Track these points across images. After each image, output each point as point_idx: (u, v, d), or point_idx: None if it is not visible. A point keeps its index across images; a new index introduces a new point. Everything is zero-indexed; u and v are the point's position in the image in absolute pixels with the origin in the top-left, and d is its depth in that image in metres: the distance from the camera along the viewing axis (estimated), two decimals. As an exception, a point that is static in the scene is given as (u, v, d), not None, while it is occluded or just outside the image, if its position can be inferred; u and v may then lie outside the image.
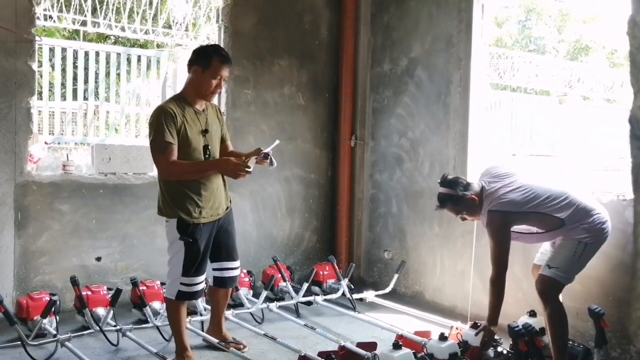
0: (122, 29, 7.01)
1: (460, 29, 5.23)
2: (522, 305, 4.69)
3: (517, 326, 3.25)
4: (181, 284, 3.84)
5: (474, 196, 3.97)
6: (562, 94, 12.12)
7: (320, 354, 3.74)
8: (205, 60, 3.70)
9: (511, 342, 4.15)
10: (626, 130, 3.81)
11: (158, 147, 3.64)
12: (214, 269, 4.13)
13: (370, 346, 4.03)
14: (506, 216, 3.83)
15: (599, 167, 10.80)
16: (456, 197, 4.00)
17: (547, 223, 3.80)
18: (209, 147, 3.83)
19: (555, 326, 3.69)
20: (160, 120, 3.62)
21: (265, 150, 3.79)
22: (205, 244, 3.86)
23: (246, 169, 3.63)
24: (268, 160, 3.78)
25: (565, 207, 3.76)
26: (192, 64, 3.77)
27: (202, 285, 3.96)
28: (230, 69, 3.82)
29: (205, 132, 3.81)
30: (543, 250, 4.14)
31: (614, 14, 16.07)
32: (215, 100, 4.24)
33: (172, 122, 3.63)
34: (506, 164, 4.21)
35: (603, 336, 3.50)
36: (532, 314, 4.25)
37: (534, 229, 3.90)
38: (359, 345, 4.02)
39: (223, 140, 4.05)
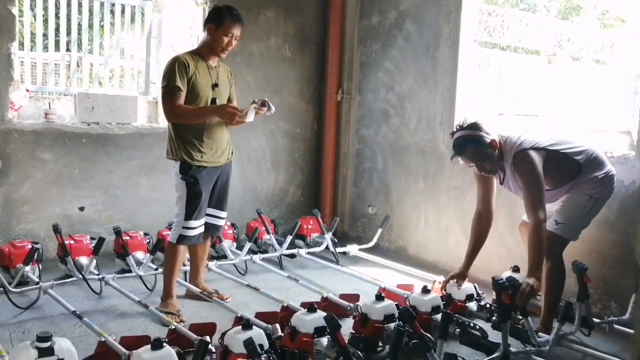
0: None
1: (450, -19, 5.14)
2: (505, 261, 4.73)
3: (501, 279, 3.25)
4: (183, 227, 3.96)
5: (495, 140, 3.68)
6: (552, 54, 12.04)
7: (302, 305, 3.75)
8: (218, 19, 3.88)
9: (494, 296, 4.22)
10: (614, 92, 3.80)
11: (168, 91, 3.83)
12: (207, 214, 4.17)
13: (353, 298, 4.06)
14: (537, 152, 3.60)
15: (585, 129, 10.81)
16: (478, 138, 3.67)
17: (566, 168, 3.64)
18: (217, 101, 3.97)
19: (553, 281, 3.69)
20: (174, 67, 3.82)
21: (261, 99, 3.90)
22: (206, 188, 3.99)
23: (240, 114, 3.79)
24: (266, 107, 3.88)
25: (583, 153, 3.67)
26: (207, 22, 3.95)
27: (200, 230, 4.04)
28: (241, 28, 3.93)
29: (215, 85, 3.98)
30: None
31: (607, -26, 15.94)
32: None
33: (185, 71, 3.82)
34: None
35: (585, 291, 3.51)
36: (516, 269, 4.27)
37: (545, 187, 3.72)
38: (342, 296, 4.05)
39: (230, 100, 4.16)
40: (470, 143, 3.69)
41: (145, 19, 7.49)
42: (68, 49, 7.59)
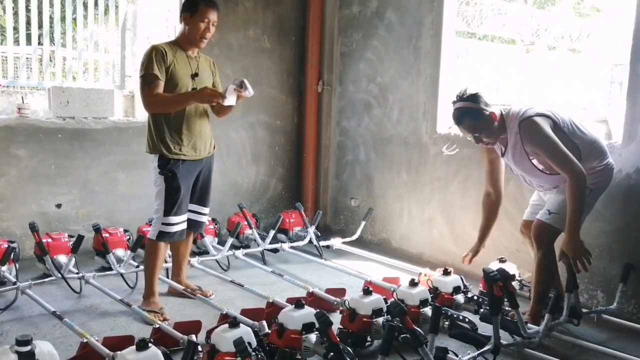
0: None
1: (432, -32, 5.09)
2: (490, 252, 4.66)
3: (493, 271, 3.21)
4: (162, 224, 3.88)
5: (494, 113, 3.64)
6: (530, 43, 12.07)
7: (289, 300, 3.69)
8: (192, 6, 3.81)
9: (480, 287, 4.20)
10: (590, 81, 3.77)
11: (145, 80, 3.75)
12: (189, 210, 4.09)
13: (339, 292, 4.00)
14: (543, 118, 3.53)
15: (564, 112, 10.84)
16: (476, 111, 3.62)
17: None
18: (197, 88, 3.86)
19: (542, 271, 3.66)
20: (151, 56, 3.75)
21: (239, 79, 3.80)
22: (185, 182, 3.90)
23: (220, 95, 3.71)
24: (243, 88, 3.75)
25: (584, 139, 3.60)
26: (182, 12, 3.88)
27: (182, 227, 3.95)
28: (217, 13, 3.85)
29: (195, 75, 3.89)
30: (534, 202, 3.98)
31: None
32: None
33: (162, 59, 3.75)
34: None
35: (574, 280, 3.50)
36: (502, 260, 4.26)
37: (540, 167, 3.67)
38: (328, 291, 3.99)
39: None
40: (468, 115, 3.66)
41: (120, 11, 7.32)
42: (40, 43, 7.40)
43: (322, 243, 5.34)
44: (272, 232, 5.09)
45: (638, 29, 3.89)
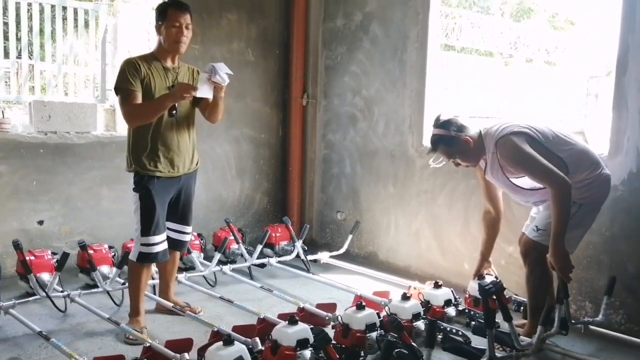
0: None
1: (417, -19, 5.10)
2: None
3: (488, 284, 3.21)
4: (141, 244, 3.80)
5: (468, 138, 3.65)
6: (508, 56, 12.22)
7: (280, 316, 3.65)
8: (162, 14, 3.73)
9: (466, 298, 4.19)
10: (566, 93, 3.80)
11: (121, 95, 3.68)
12: (170, 229, 4.02)
13: (330, 307, 3.96)
14: (517, 136, 3.50)
15: (545, 124, 10.97)
16: (448, 138, 3.67)
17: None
18: (176, 105, 3.75)
19: (529, 286, 3.68)
20: (124, 70, 3.68)
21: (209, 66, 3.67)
22: (161, 199, 3.81)
23: (192, 87, 3.60)
24: (215, 74, 3.61)
25: (569, 150, 3.55)
26: (155, 22, 3.79)
27: (163, 247, 3.86)
28: (189, 15, 3.73)
29: (173, 87, 3.75)
30: (534, 215, 3.92)
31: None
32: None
33: (135, 72, 3.67)
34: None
35: (565, 290, 3.50)
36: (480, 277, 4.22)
37: (528, 184, 3.64)
38: (319, 306, 3.95)
39: (198, 102, 3.94)
40: (441, 142, 3.73)
41: (100, 24, 7.26)
42: (19, 56, 7.29)
43: (310, 257, 5.30)
44: (259, 247, 5.03)
45: (622, 41, 3.94)
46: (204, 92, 3.62)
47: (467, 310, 4.01)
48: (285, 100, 6.20)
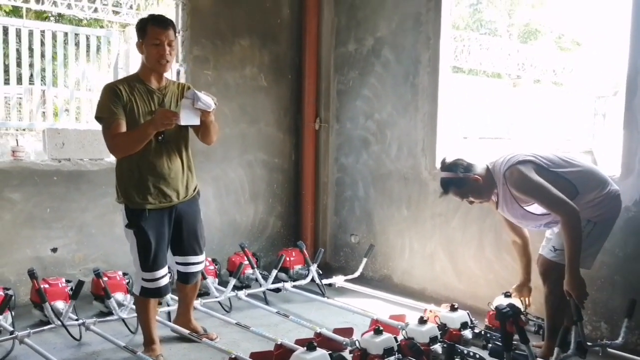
0: (69, 6, 6.66)
1: (429, 7, 5.13)
2: (492, 286, 4.70)
3: (505, 308, 3.19)
4: (143, 279, 3.69)
5: (476, 176, 3.72)
6: (516, 77, 12.26)
7: (298, 342, 3.62)
8: (142, 31, 3.52)
9: (486, 322, 4.16)
10: (574, 113, 3.82)
11: (103, 124, 3.51)
12: (177, 263, 3.93)
13: (347, 332, 3.94)
14: (524, 165, 3.57)
15: (549, 150, 10.97)
16: (458, 180, 3.75)
17: (560, 189, 3.50)
18: (163, 130, 3.48)
19: (548, 306, 3.65)
20: (104, 97, 3.50)
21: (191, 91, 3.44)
22: (157, 233, 3.64)
23: (174, 115, 3.35)
24: (197, 101, 3.36)
25: (577, 172, 3.59)
26: (137, 40, 3.59)
27: (165, 280, 3.75)
28: (171, 31, 3.52)
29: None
30: (549, 236, 3.92)
31: (561, -1, 16.43)
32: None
33: (117, 98, 3.46)
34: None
35: (579, 313, 3.47)
36: (507, 294, 4.22)
37: (539, 210, 3.67)
38: (336, 331, 3.92)
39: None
40: (451, 185, 3.80)
41: (112, 48, 7.33)
42: (31, 82, 7.35)
43: (324, 281, 5.27)
44: (274, 272, 5.01)
45: (632, 63, 3.96)
46: (189, 119, 3.39)
47: (483, 333, 3.98)
48: (298, 125, 6.22)
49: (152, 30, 3.48)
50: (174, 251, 3.88)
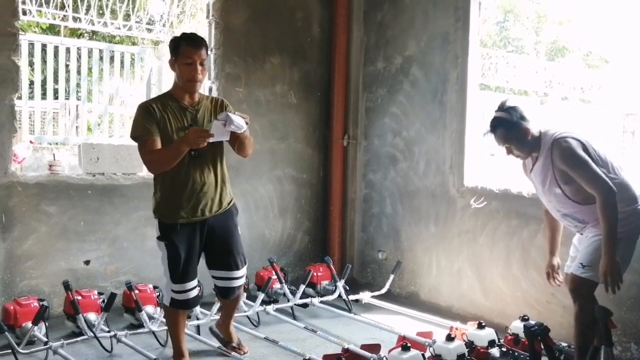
0: (104, 24, 6.83)
1: (457, 26, 5.18)
2: (520, 304, 4.70)
3: (533, 326, 3.19)
4: (172, 291, 3.75)
5: (528, 128, 3.66)
6: (543, 95, 12.21)
7: (325, 357, 3.66)
8: (175, 50, 3.60)
9: (507, 336, 4.13)
10: (602, 130, 3.78)
11: (139, 143, 3.61)
12: (213, 277, 3.95)
13: (375, 348, 3.96)
14: (577, 142, 3.55)
15: (604, 149, 10.87)
16: (510, 123, 3.67)
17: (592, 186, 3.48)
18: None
19: (579, 324, 3.60)
20: (138, 116, 3.59)
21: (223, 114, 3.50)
22: (187, 247, 3.69)
23: (207, 134, 3.43)
24: (231, 124, 3.43)
25: (614, 178, 3.53)
26: (170, 58, 3.68)
27: (195, 292, 3.81)
28: (203, 50, 3.60)
29: (190, 127, 3.60)
30: (573, 255, 3.89)
31: (588, 16, 16.34)
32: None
33: (150, 117, 3.55)
34: None
35: (609, 338, 3.43)
36: (525, 318, 4.17)
37: (569, 193, 3.63)
38: (363, 347, 3.94)
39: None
40: (502, 126, 3.71)
41: (145, 64, 7.48)
42: (66, 97, 7.53)
43: (351, 297, 5.30)
44: (302, 287, 5.06)
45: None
46: (220, 136, 3.47)
47: (511, 352, 3.98)
48: (327, 141, 6.28)
49: (184, 49, 3.54)
50: (209, 264, 3.89)
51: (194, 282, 3.79)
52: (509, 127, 3.68)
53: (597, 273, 3.49)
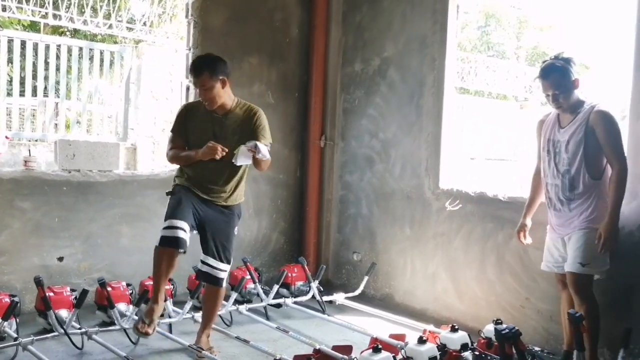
0: (85, 22, 6.79)
1: (434, 29, 5.22)
2: (494, 308, 4.72)
3: (504, 329, 3.22)
4: (163, 228, 3.85)
5: (578, 81, 3.87)
6: (523, 99, 12.30)
7: (296, 358, 3.66)
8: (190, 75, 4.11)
9: (479, 340, 4.15)
10: None
11: (169, 137, 4.18)
12: (200, 261, 4.08)
13: (346, 349, 3.96)
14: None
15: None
16: (566, 71, 3.83)
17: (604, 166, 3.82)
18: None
19: (593, 321, 3.73)
20: (175, 116, 4.20)
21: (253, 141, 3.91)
22: (187, 198, 3.95)
23: (219, 149, 3.83)
24: (259, 153, 3.86)
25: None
26: None
27: (183, 234, 3.80)
28: (204, 76, 3.88)
29: (215, 134, 3.97)
30: (554, 255, 4.03)
31: (569, 23, 16.50)
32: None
33: (180, 118, 4.11)
34: None
35: (580, 342, 3.48)
36: (498, 322, 4.19)
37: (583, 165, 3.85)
38: (335, 348, 3.95)
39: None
40: (557, 72, 3.85)
41: (125, 63, 7.44)
42: (45, 94, 7.48)
43: (325, 298, 5.30)
44: (275, 287, 5.06)
45: (636, 88, 4.00)
46: (243, 160, 3.89)
47: (483, 355, 3.99)
48: (304, 142, 6.29)
49: (192, 76, 4.01)
50: (203, 249, 4.08)
51: (184, 225, 3.82)
52: (563, 74, 3.86)
53: (596, 268, 3.73)
